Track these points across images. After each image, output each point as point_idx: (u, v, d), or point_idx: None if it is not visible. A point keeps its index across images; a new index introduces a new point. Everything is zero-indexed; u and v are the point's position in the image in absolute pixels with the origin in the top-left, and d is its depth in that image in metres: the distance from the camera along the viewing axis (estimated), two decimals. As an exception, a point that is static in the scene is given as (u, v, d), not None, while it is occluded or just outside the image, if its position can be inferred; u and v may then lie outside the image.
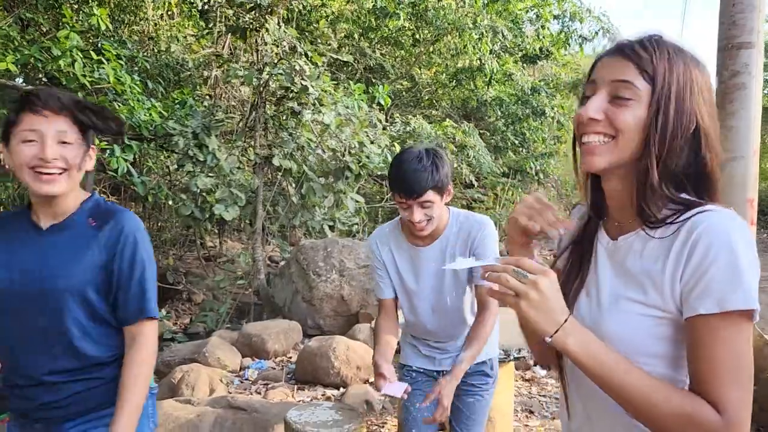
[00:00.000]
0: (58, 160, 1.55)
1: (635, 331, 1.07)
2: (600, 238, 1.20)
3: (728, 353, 0.98)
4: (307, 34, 9.98)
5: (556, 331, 1.00)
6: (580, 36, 11.73)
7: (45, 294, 1.60)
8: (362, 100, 7.52)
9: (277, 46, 6.89)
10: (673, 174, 1.06)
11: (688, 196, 1.08)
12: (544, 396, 4.93)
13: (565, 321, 1.01)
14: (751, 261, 0.97)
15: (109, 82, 6.44)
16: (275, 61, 6.89)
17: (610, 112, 1.07)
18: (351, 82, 8.24)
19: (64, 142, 1.58)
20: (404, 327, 2.54)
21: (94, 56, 6.49)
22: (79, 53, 6.42)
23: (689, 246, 1.01)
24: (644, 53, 1.06)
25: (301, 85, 6.60)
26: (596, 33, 11.58)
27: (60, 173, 1.57)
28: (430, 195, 2.07)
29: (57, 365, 1.64)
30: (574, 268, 1.21)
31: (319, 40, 10.08)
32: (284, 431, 2.58)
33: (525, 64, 14.26)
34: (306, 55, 7.00)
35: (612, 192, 1.15)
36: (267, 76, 6.79)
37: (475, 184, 10.97)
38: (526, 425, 4.28)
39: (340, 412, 2.68)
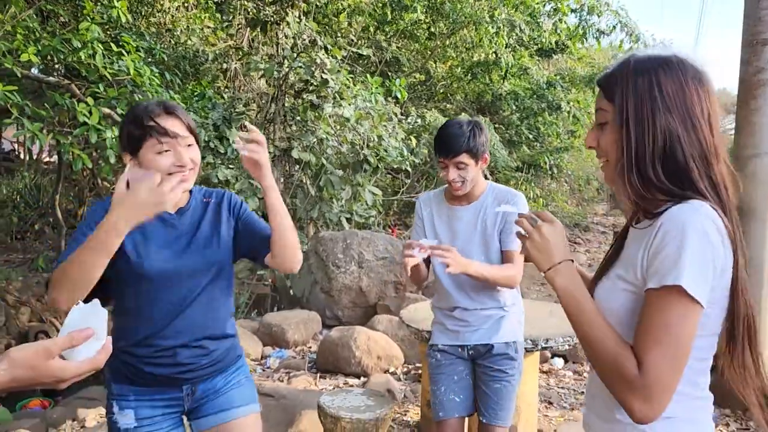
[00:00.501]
0: (189, 163, 1.78)
1: (613, 300, 1.27)
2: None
3: (658, 321, 1.13)
4: (326, 27, 10.00)
5: (549, 269, 1.26)
6: (598, 30, 11.67)
7: (194, 272, 1.85)
8: (379, 93, 7.55)
9: (297, 40, 6.92)
10: (653, 177, 1.21)
11: (671, 195, 1.21)
12: (562, 388, 4.98)
13: (560, 263, 1.25)
14: (697, 247, 1.11)
15: (128, 74, 6.49)
16: (295, 54, 6.92)
17: (599, 138, 1.29)
18: (368, 75, 8.26)
19: (189, 145, 1.80)
20: (433, 303, 2.64)
21: (115, 48, 6.53)
22: (100, 45, 6.46)
23: (654, 233, 1.18)
24: (609, 79, 1.26)
25: (321, 78, 6.64)
26: (614, 27, 11.51)
27: (191, 171, 1.80)
28: (465, 157, 2.35)
29: (209, 329, 1.89)
30: (612, 249, 1.41)
31: (338, 34, 10.10)
32: (318, 416, 2.64)
33: (540, 58, 14.22)
34: (326, 48, 7.02)
35: (622, 195, 1.31)
36: (287, 69, 6.84)
37: (490, 178, 10.97)
38: (546, 415, 4.34)
39: (372, 398, 2.74)
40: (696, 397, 1.26)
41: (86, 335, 1.10)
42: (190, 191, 1.93)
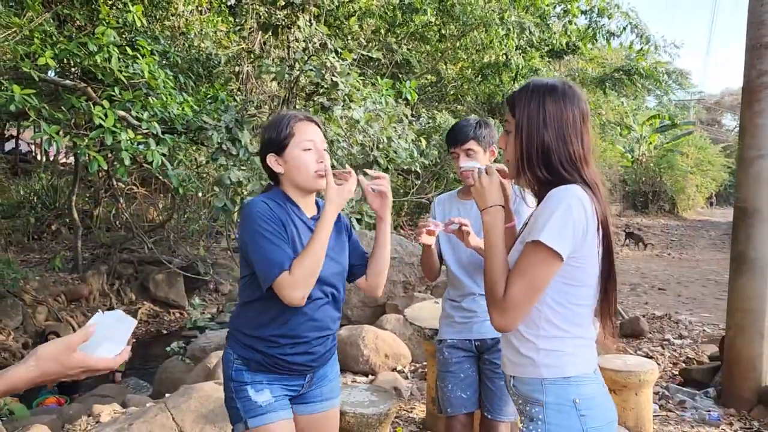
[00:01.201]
0: (329, 159, 2.04)
1: (513, 255, 1.65)
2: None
3: (524, 263, 1.55)
4: (337, 30, 10.08)
5: (482, 209, 1.67)
6: (608, 31, 11.69)
7: (339, 277, 2.09)
8: (389, 95, 7.61)
9: (308, 43, 7.01)
10: (539, 175, 1.61)
11: (556, 186, 1.57)
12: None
13: (491, 207, 1.66)
14: (559, 215, 1.50)
15: (143, 77, 6.58)
16: (306, 58, 7.01)
17: (506, 143, 1.69)
18: (378, 77, 8.34)
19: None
20: (444, 296, 2.75)
21: (130, 52, 6.64)
22: (115, 49, 6.55)
23: (538, 207, 1.60)
24: (513, 98, 1.66)
25: (332, 81, 6.71)
26: (624, 29, 11.54)
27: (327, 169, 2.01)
28: (473, 144, 2.55)
29: (334, 322, 2.12)
30: (524, 225, 1.80)
31: (349, 37, 10.18)
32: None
33: (551, 59, 14.24)
34: (336, 51, 7.10)
35: (525, 186, 1.74)
36: (298, 72, 6.93)
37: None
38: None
39: (376, 394, 2.82)
40: (577, 336, 1.63)
41: (92, 331, 1.24)
42: (316, 201, 2.14)
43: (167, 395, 4.42)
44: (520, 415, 1.71)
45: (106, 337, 1.27)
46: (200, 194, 8.78)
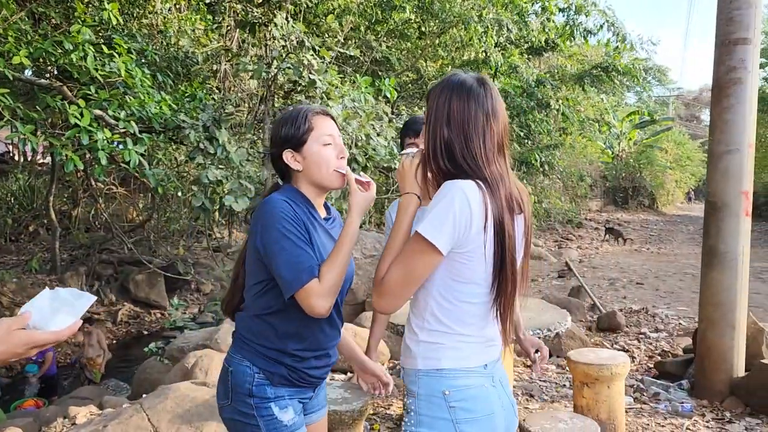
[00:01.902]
0: (347, 155, 1.96)
1: None
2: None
3: (404, 251, 1.57)
4: (314, 28, 10.07)
5: (400, 195, 1.70)
6: (585, 29, 11.77)
7: (350, 277, 1.99)
8: (369, 93, 7.61)
9: (286, 41, 7.00)
10: (442, 167, 1.62)
11: (458, 178, 1.58)
12: (544, 381, 5.08)
13: (407, 192, 1.67)
14: (441, 208, 1.51)
15: (120, 76, 6.53)
16: (284, 56, 7.00)
17: (423, 133, 1.72)
18: (357, 74, 8.33)
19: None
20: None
21: (106, 50, 6.57)
22: (91, 47, 6.48)
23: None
24: (430, 91, 1.70)
25: (309, 78, 6.71)
26: (601, 26, 11.62)
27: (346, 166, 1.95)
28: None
29: (341, 330, 2.04)
30: None
31: (327, 35, 10.17)
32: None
33: (531, 56, 14.30)
34: (314, 49, 7.10)
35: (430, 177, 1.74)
36: (276, 70, 6.91)
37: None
38: (527, 407, 4.44)
39: (350, 391, 2.84)
40: (461, 333, 1.62)
41: (27, 318, 1.28)
42: (325, 203, 2.06)
43: (144, 396, 4.40)
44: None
45: (61, 311, 1.28)
46: (180, 194, 8.74)
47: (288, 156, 1.91)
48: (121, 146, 6.19)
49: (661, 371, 5.11)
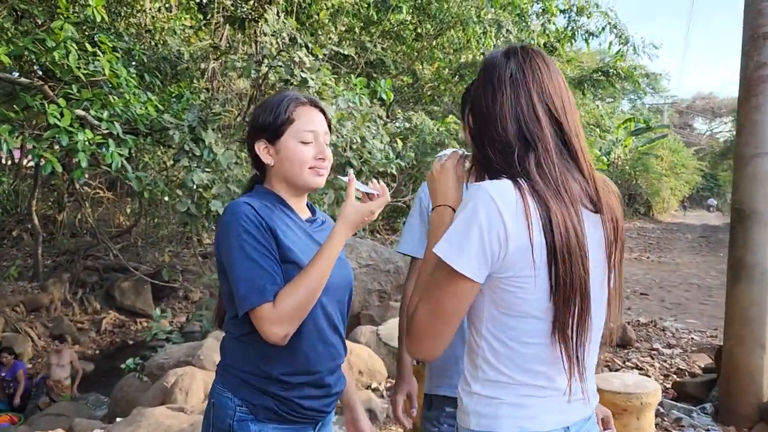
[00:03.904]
0: (331, 158, 1.68)
1: None
2: None
3: (429, 281, 1.22)
4: (307, 26, 9.76)
5: (433, 208, 1.37)
6: (587, 31, 11.51)
7: (349, 285, 1.73)
8: (364, 94, 7.30)
9: (277, 38, 6.66)
10: (481, 157, 1.29)
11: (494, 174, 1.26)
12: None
13: (439, 206, 1.36)
14: (461, 221, 1.16)
15: (104, 75, 6.26)
16: (275, 53, 6.67)
17: None
18: (352, 76, 8.03)
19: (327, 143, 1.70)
20: None
21: (90, 48, 6.30)
22: (74, 45, 6.23)
23: None
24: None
25: (301, 77, 6.38)
26: (603, 29, 11.37)
27: (327, 167, 1.68)
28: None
29: (341, 351, 1.71)
30: None
31: (320, 32, 9.86)
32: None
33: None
34: (306, 46, 6.78)
35: None
36: (266, 69, 6.58)
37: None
38: None
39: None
40: (524, 384, 1.22)
41: None
42: (308, 204, 1.79)
43: (118, 419, 4.02)
44: None
45: None
46: (167, 198, 8.43)
47: (260, 147, 1.65)
48: (103, 148, 5.89)
49: (680, 393, 4.75)
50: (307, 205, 1.76)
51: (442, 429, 1.95)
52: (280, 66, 6.43)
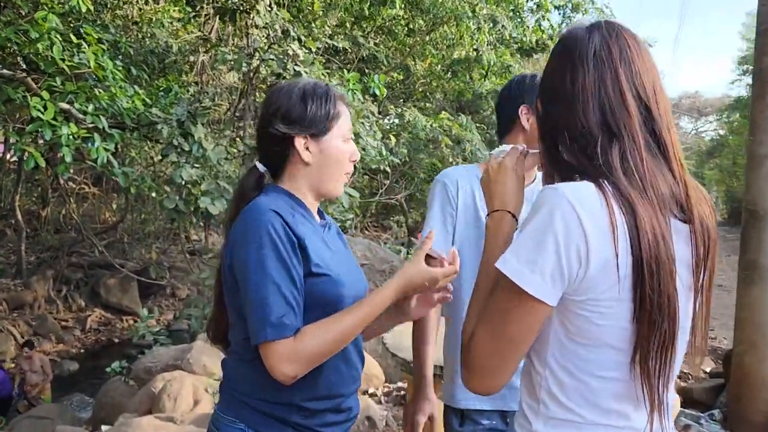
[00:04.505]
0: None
1: None
2: None
3: (489, 302, 1.05)
4: (300, 18, 9.60)
5: (488, 214, 1.21)
6: (582, 27, 11.45)
7: (362, 293, 1.49)
8: (357, 89, 7.15)
9: (269, 30, 6.49)
10: (551, 160, 1.12)
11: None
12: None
13: (495, 211, 1.18)
14: (531, 232, 0.98)
15: (89, 67, 6.10)
16: (266, 46, 6.50)
17: None
18: (345, 70, 7.88)
19: None
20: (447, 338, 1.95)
21: (74, 40, 6.14)
22: (58, 36, 6.08)
23: None
24: None
25: (294, 71, 6.21)
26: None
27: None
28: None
29: (361, 372, 1.53)
30: None
31: (313, 25, 9.71)
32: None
33: (521, 57, 13.98)
34: (299, 39, 6.61)
35: None
36: (257, 62, 6.41)
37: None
38: None
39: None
40: (595, 423, 1.04)
41: None
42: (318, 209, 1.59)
43: (104, 428, 3.84)
44: None
45: None
46: (155, 194, 8.24)
47: (301, 143, 1.41)
48: (88, 143, 5.73)
49: (686, 398, 4.63)
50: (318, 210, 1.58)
51: None
52: (272, 59, 6.26)
